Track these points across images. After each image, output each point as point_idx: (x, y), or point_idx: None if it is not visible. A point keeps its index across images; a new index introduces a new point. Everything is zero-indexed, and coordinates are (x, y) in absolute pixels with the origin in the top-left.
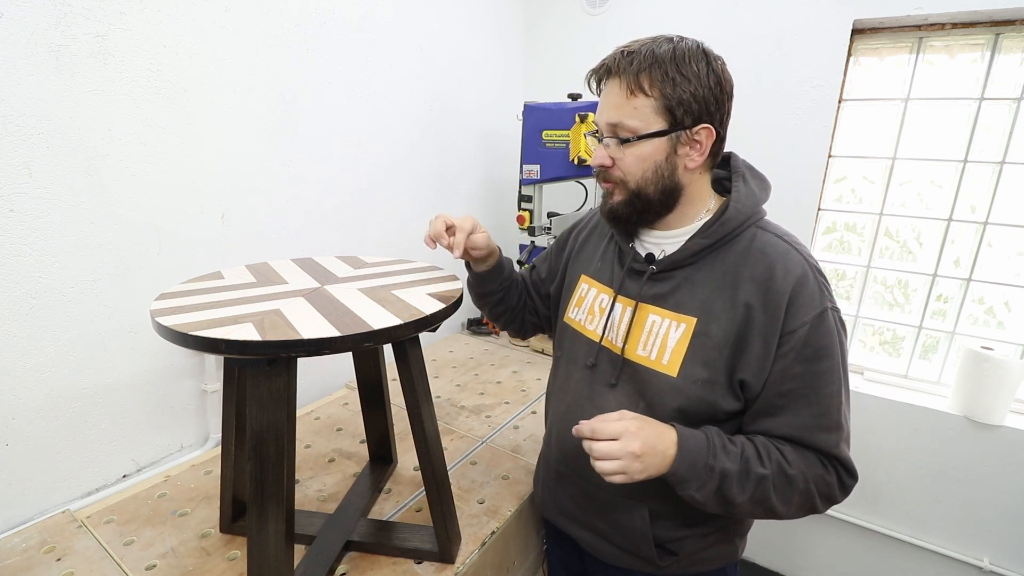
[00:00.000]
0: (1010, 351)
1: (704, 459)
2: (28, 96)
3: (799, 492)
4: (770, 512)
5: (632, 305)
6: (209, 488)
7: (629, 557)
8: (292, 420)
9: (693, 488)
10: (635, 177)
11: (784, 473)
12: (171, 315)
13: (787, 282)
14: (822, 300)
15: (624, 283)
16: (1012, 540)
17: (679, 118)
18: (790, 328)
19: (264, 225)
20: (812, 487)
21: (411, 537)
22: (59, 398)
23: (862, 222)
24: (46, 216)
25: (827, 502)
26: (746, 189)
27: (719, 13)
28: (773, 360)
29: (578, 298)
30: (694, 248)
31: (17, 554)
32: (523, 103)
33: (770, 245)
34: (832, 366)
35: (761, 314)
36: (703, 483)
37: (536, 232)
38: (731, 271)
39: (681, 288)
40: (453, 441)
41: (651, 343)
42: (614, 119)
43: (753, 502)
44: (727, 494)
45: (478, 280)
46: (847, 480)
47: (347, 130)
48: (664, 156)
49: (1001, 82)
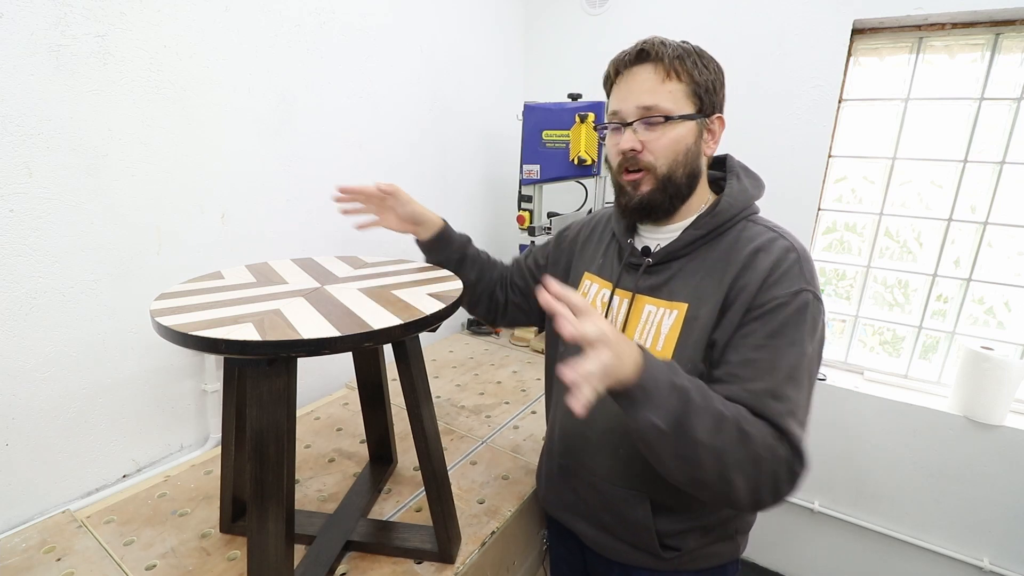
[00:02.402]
0: (1010, 351)
1: (668, 376)
2: (28, 96)
3: (752, 458)
4: (722, 475)
5: (629, 297)
6: (209, 488)
7: (632, 551)
8: (292, 420)
9: (653, 409)
10: (667, 160)
11: (740, 427)
12: (171, 315)
13: (767, 261)
14: (799, 281)
15: (622, 276)
16: (1012, 540)
17: (705, 104)
18: (761, 300)
19: (264, 225)
20: (766, 457)
21: (411, 537)
22: (59, 398)
23: (862, 222)
24: (46, 216)
25: (775, 487)
26: (739, 186)
27: (719, 13)
28: (739, 324)
29: (581, 294)
30: (687, 239)
31: (17, 554)
32: (523, 103)
33: (758, 234)
34: (798, 345)
35: (742, 291)
36: (667, 402)
37: (536, 232)
38: (721, 258)
39: (675, 278)
40: (453, 441)
41: (647, 332)
42: (648, 102)
43: (711, 451)
44: (688, 425)
45: (424, 250)
46: (796, 465)
47: (347, 130)
48: (693, 140)
49: (1001, 82)
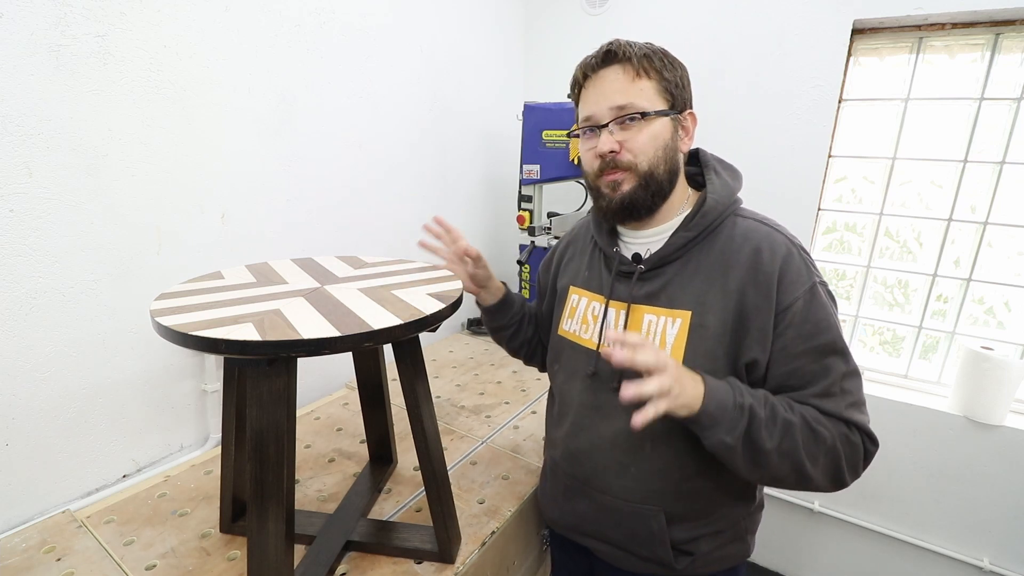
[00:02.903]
0: (1010, 351)
1: (731, 398)
2: (28, 96)
3: (826, 450)
4: (799, 471)
5: (625, 307)
6: (209, 488)
7: (644, 563)
8: (292, 420)
9: (723, 430)
10: (648, 156)
11: (810, 427)
12: (171, 315)
13: (774, 261)
14: (809, 275)
15: (614, 287)
16: (1012, 540)
17: (677, 100)
18: (784, 304)
19: (264, 225)
20: (839, 446)
21: (411, 537)
22: (59, 398)
23: (862, 222)
24: (46, 216)
25: (853, 469)
26: (720, 180)
27: (719, 13)
28: (773, 339)
29: (570, 309)
30: (679, 242)
31: (17, 554)
32: (523, 103)
33: (751, 229)
34: (833, 337)
35: (754, 296)
36: (734, 424)
37: (536, 232)
38: (719, 260)
39: (671, 284)
40: (453, 441)
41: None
42: (621, 101)
43: (781, 454)
44: (756, 438)
45: (488, 315)
46: (870, 446)
47: (347, 130)
48: (670, 136)
49: (1001, 82)
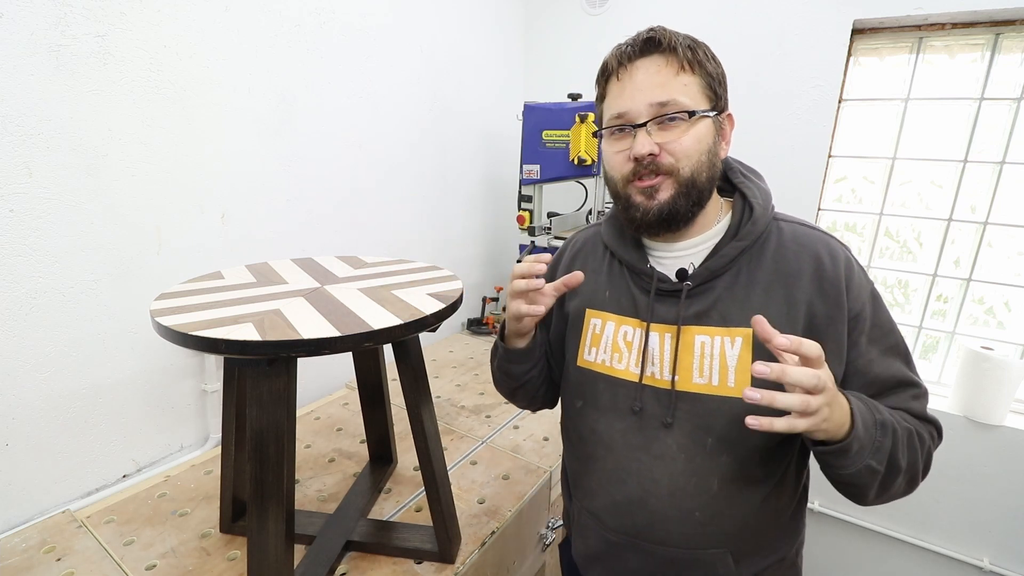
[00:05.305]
0: (1010, 351)
1: (871, 415)
2: (28, 96)
3: (925, 456)
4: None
5: (673, 331)
6: (209, 488)
7: None
8: (292, 420)
9: (869, 454)
10: (691, 161)
11: (918, 434)
12: (171, 315)
13: (837, 269)
14: (867, 279)
15: (655, 309)
16: (1012, 540)
17: (718, 100)
18: (854, 312)
19: (264, 225)
20: (931, 450)
21: (411, 537)
22: (59, 398)
23: (862, 222)
24: (46, 216)
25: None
26: (754, 185)
27: (719, 13)
28: (848, 348)
29: (592, 336)
30: (732, 253)
31: (17, 554)
32: (523, 103)
33: (802, 235)
34: (898, 339)
35: (823, 307)
36: (879, 445)
37: (536, 232)
38: (774, 270)
39: (722, 300)
40: (453, 441)
41: (709, 367)
42: (663, 97)
43: (907, 470)
44: (895, 457)
45: (510, 356)
46: (938, 441)
47: (347, 130)
48: (712, 139)
49: (1001, 82)
